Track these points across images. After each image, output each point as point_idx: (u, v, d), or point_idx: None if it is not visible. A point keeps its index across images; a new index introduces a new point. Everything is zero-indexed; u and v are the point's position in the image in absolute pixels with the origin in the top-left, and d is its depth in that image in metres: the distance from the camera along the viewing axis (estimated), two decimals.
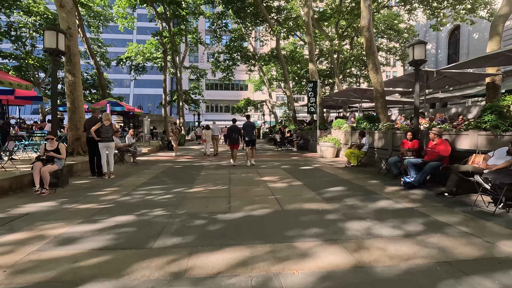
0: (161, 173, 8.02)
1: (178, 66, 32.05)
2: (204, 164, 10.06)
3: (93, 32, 35.07)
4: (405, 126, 8.09)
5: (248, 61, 36.54)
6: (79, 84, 9.03)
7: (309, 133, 16.95)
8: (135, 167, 9.28)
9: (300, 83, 39.34)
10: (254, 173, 7.96)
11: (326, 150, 11.96)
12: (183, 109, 32.95)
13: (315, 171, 8.35)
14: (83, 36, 19.17)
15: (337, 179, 7.01)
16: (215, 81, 56.35)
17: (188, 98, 38.57)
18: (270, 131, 27.68)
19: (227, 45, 34.48)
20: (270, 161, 11.09)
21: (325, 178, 7.10)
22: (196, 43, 35.95)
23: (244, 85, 58.07)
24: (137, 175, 7.70)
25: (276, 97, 53.43)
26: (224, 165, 9.83)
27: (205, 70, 39.01)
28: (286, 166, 9.53)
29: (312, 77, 15.83)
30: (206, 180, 6.89)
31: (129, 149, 9.71)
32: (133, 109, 16.03)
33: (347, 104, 21.00)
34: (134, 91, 67.83)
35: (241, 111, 42.64)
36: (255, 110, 48.67)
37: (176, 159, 11.74)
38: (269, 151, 16.39)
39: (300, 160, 11.42)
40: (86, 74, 38.00)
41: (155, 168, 9.04)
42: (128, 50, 33.81)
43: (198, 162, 10.86)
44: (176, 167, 9.40)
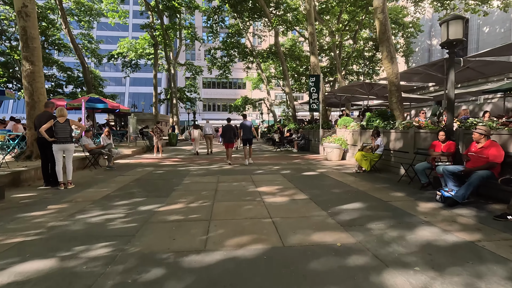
0: (134, 181, 6.59)
1: (172, 62, 30.59)
2: (191, 169, 8.64)
3: (83, 28, 33.54)
4: (431, 124, 6.68)
5: (245, 58, 35.14)
6: (39, 74, 7.57)
7: (310, 132, 15.55)
8: (107, 172, 7.84)
9: (300, 81, 38.01)
10: (248, 181, 6.55)
11: (331, 152, 10.56)
12: (177, 107, 31.49)
13: (321, 179, 6.94)
14: (65, 27, 17.72)
15: (351, 190, 5.60)
16: (212, 79, 54.97)
17: (183, 96, 37.07)
18: (268, 131, 26.29)
19: (224, 41, 33.08)
20: (267, 164, 9.68)
21: (335, 189, 5.69)
22: (192, 38, 34.51)
23: (242, 83, 56.72)
24: (103, 184, 6.26)
25: (275, 95, 52.10)
26: (214, 170, 8.42)
27: (201, 67, 37.53)
28: (286, 171, 8.12)
29: (314, 71, 14.43)
30: (186, 192, 5.46)
31: (102, 151, 8.27)
32: (118, 106, 14.58)
33: (350, 102, 19.63)
34: (129, 90, 66.29)
35: (239, 110, 41.23)
36: (254, 109, 47.31)
37: (161, 162, 10.31)
38: (267, 152, 14.98)
39: (302, 163, 10.01)
40: (78, 71, 36.51)
41: (131, 174, 7.60)
42: (120, 45, 32.29)
43: (185, 165, 9.44)
44: (157, 172, 7.97)
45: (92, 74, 40.18)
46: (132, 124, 14.18)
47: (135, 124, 14.59)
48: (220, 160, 11.12)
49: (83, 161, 8.32)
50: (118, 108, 14.70)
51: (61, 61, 33.81)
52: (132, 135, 14.30)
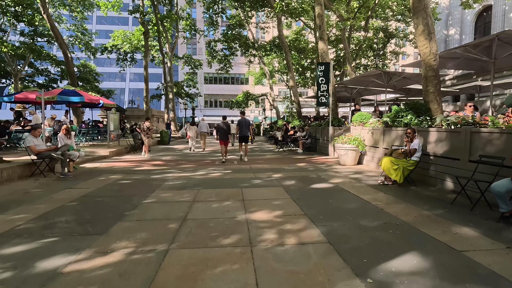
0: (77, 200, 4.71)
1: (169, 54, 28.69)
2: (169, 177, 6.76)
3: (75, 19, 31.77)
4: (498, 121, 4.68)
5: (247, 51, 33.19)
6: None
7: (317, 130, 13.59)
8: (56, 183, 5.99)
9: (304, 75, 35.93)
10: (236, 200, 4.65)
11: (344, 155, 8.60)
12: (173, 102, 29.66)
13: (339, 197, 5.00)
14: (44, 12, 15.87)
15: (389, 221, 3.65)
16: (214, 74, 53.16)
17: (181, 92, 35.18)
18: (270, 128, 24.34)
19: (225, 33, 31.12)
20: (267, 170, 7.77)
21: (364, 220, 3.74)
22: (190, 30, 32.56)
23: (244, 79, 54.81)
24: (28, 205, 4.39)
25: (278, 91, 50.08)
26: (197, 179, 6.53)
27: (200, 61, 35.56)
28: (289, 181, 6.20)
29: (323, 59, 12.41)
30: (136, 224, 3.57)
31: (52, 154, 6.41)
32: (97, 99, 12.71)
33: (362, 96, 17.58)
34: (129, 85, 64.66)
35: (240, 106, 39.25)
36: (256, 105, 45.35)
37: (137, 167, 8.45)
38: (268, 153, 13.05)
39: (310, 168, 8.07)
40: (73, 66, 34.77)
41: (84, 186, 5.74)
42: (114, 36, 30.42)
43: (165, 171, 7.56)
44: (121, 183, 6.10)
45: (88, 68, 38.53)
46: (113, 120, 12.33)
47: (117, 121, 12.74)
48: (210, 163, 9.23)
49: (29, 167, 6.49)
50: (98, 102, 12.83)
51: (54, 54, 32.10)
52: (113, 133, 12.45)
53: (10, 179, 5.94)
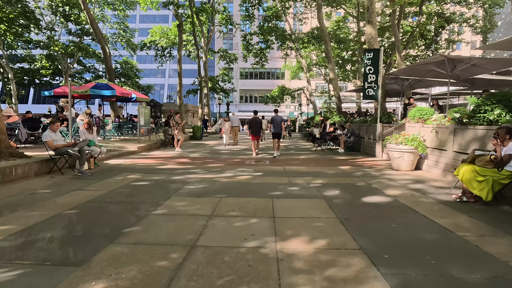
0: (78, 207, 4.01)
1: (204, 48, 28.42)
2: (191, 179, 5.94)
3: (118, 17, 33.03)
4: None
5: (284, 43, 31.83)
6: None
7: (361, 128, 12.01)
8: (70, 182, 5.46)
9: (344, 68, 33.59)
10: (265, 217, 3.61)
11: (399, 158, 7.09)
12: (208, 97, 29.42)
13: (403, 218, 3.69)
14: (83, 8, 16.20)
15: (500, 275, 2.36)
16: (249, 69, 52.60)
17: (216, 86, 34.95)
18: (307, 124, 22.87)
19: (261, 26, 30.10)
20: (303, 173, 6.62)
21: (455, 266, 2.44)
22: (226, 23, 32.00)
23: (280, 73, 53.43)
24: (19, 211, 3.80)
25: (315, 85, 47.87)
26: (222, 182, 5.61)
27: (235, 55, 34.94)
28: (332, 190, 5.00)
29: (371, 45, 10.77)
30: (129, 252, 2.68)
31: (68, 151, 5.92)
32: (129, 93, 12.49)
33: (414, 88, 15.40)
34: (168, 81, 66.75)
35: (275, 101, 38.07)
36: (291, 100, 43.77)
37: (161, 165, 7.81)
38: (304, 152, 11.82)
39: (356, 173, 6.75)
40: (115, 62, 36.43)
41: (95, 188, 5.12)
42: (152, 32, 30.98)
43: (189, 170, 6.78)
44: (136, 184, 5.40)
45: (129, 65, 40.06)
46: (144, 114, 12.00)
47: (148, 115, 12.42)
48: (239, 163, 8.30)
49: (47, 164, 6.09)
50: (130, 96, 12.62)
51: (99, 52, 33.63)
52: (144, 128, 12.13)
53: (26, 176, 5.54)
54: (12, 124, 7.48)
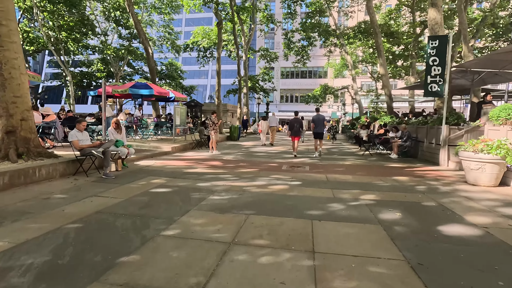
0: (78, 222, 3.48)
1: (244, 47, 28.03)
2: (218, 186, 5.21)
3: (164, 20, 34.28)
4: None
5: (327, 40, 30.16)
6: (9, 37, 5.26)
7: (419, 130, 10.30)
8: (86, 187, 5.08)
9: (395, 64, 30.66)
10: (301, 251, 2.67)
11: (479, 169, 5.56)
12: (247, 97, 28.98)
13: (510, 269, 2.49)
14: (129, 10, 16.71)
15: None
16: (290, 69, 51.42)
17: (256, 86, 34.41)
18: (351, 125, 21.09)
19: (303, 22, 28.90)
20: (350, 185, 5.49)
21: None
22: (267, 22, 31.31)
23: (322, 72, 51.28)
24: (13, 225, 3.36)
25: (361, 84, 44.84)
26: (253, 193, 4.78)
27: (276, 53, 34.08)
28: (391, 212, 3.85)
29: (435, 32, 9.08)
30: None
31: (92, 152, 5.59)
32: (166, 92, 12.34)
33: (485, 84, 12.98)
34: (211, 82, 68.36)
35: (317, 100, 36.29)
36: (334, 99, 41.55)
37: (190, 167, 7.26)
38: (349, 156, 10.49)
39: (418, 187, 5.42)
40: (161, 64, 38.02)
41: (112, 194, 4.63)
42: (194, 33, 31.53)
43: (216, 177, 6.08)
44: (156, 192, 4.82)
45: (174, 67, 41.50)
46: (180, 114, 11.73)
47: (184, 115, 12.14)
48: (275, 168, 7.40)
49: (73, 165, 5.84)
50: (168, 95, 12.48)
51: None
52: (179, 128, 11.87)
53: (50, 178, 5.32)
54: (50, 123, 7.54)
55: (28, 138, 5.56)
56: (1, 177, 4.48)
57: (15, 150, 5.32)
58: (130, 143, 10.33)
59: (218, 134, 10.75)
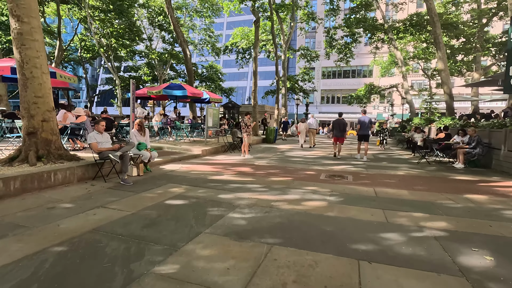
0: (66, 243, 2.91)
1: (283, 46, 27.11)
2: (241, 200, 4.41)
3: (205, 23, 34.84)
4: None
5: (374, 35, 27.92)
6: (31, 35, 5.06)
7: (493, 135, 8.43)
8: (98, 195, 4.63)
9: (454, 58, 27.21)
10: None
11: None
12: (286, 98, 27.96)
13: None
14: (168, 13, 16.89)
15: None
16: (332, 68, 49.21)
17: (295, 86, 33.20)
18: (401, 127, 18.91)
19: (346, 18, 27.13)
20: (407, 204, 4.28)
21: None
22: (308, 19, 30.02)
23: (367, 71, 48.19)
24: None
25: (411, 83, 40.94)
26: (282, 209, 3.89)
27: (317, 52, 32.53)
28: (475, 253, 2.66)
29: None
30: None
31: (109, 155, 5.18)
32: (200, 93, 11.98)
33: None
34: (250, 84, 68.52)
35: (361, 101, 33.81)
36: (380, 100, 38.55)
37: (217, 174, 6.59)
38: (401, 164, 8.99)
39: (505, 213, 4.02)
40: (202, 67, 38.81)
41: (121, 206, 4.09)
42: (233, 34, 31.45)
43: (242, 187, 5.30)
44: (170, 204, 4.18)
45: (214, 69, 42.15)
46: (212, 115, 11.25)
47: (216, 116, 11.64)
48: (312, 177, 6.38)
49: (92, 169, 5.51)
50: (201, 96, 12.12)
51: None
52: (211, 130, 11.39)
53: (67, 182, 5.01)
54: (80, 124, 7.47)
55: (49, 140, 5.34)
56: (12, 181, 4.21)
57: (35, 153, 5.12)
58: (162, 145, 10.10)
59: (251, 137, 10.02)
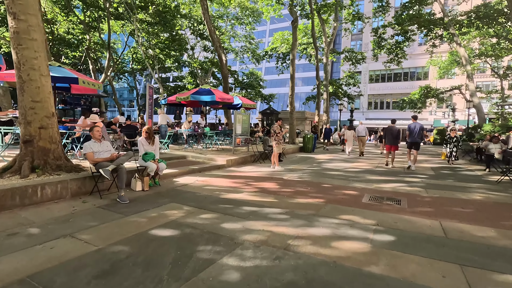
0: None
1: (325, 49, 25.47)
2: (246, 236, 3.28)
3: (245, 30, 34.76)
4: None
5: (430, 31, 24.88)
6: (28, 34, 4.62)
7: None
8: (80, 217, 3.88)
9: None
10: None
11: None
12: (328, 103, 26.10)
13: None
14: (204, 18, 16.66)
15: None
16: (381, 71, 45.63)
17: (338, 91, 31.03)
18: (468, 137, 15.93)
19: (398, 15, 24.68)
20: (499, 256, 2.72)
21: None
22: (353, 19, 27.98)
23: (421, 73, 43.69)
24: None
25: (476, 84, 35.71)
26: (302, 254, 2.67)
27: (363, 53, 30.07)
28: None
29: None
30: None
31: (99, 170, 4.44)
32: (230, 98, 11.15)
33: None
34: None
35: (415, 106, 30.21)
36: (438, 104, 34.26)
37: (234, 190, 5.53)
38: (474, 184, 6.95)
39: None
40: (242, 74, 38.79)
41: (99, 234, 3.25)
42: (273, 39, 30.67)
43: (257, 211, 4.16)
44: (158, 236, 3.20)
45: (255, 76, 41.81)
46: (242, 122, 10.32)
47: (247, 122, 10.68)
48: (352, 200, 4.95)
49: (90, 182, 4.86)
50: (231, 101, 11.30)
51: (229, 65, 36.08)
52: (240, 137, 10.45)
53: (58, 198, 4.40)
54: None
55: (47, 149, 4.83)
56: None
57: (30, 163, 4.62)
58: (187, 153, 9.41)
59: (281, 146, 8.81)
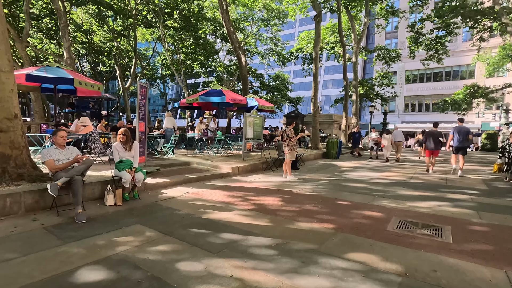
0: None
1: (354, 47, 23.69)
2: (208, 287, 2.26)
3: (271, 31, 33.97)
4: None
5: (478, 23, 22.19)
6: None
7: None
8: (7, 243, 3.10)
9: None
10: None
11: None
12: (357, 105, 24.18)
13: None
14: (222, 18, 16.02)
15: None
16: (419, 71, 42.22)
17: (370, 92, 28.80)
18: None
19: (438, 8, 22.36)
20: None
21: None
22: (386, 14, 25.88)
23: (466, 71, 39.60)
24: None
25: None
26: None
27: (397, 51, 27.63)
28: None
29: None
30: None
31: (47, 186, 3.65)
32: (242, 99, 10.21)
33: None
34: (322, 93, 64.97)
35: (459, 107, 26.97)
36: (486, 105, 30.50)
37: (226, 207, 4.51)
38: None
39: None
40: (268, 77, 37.98)
41: (9, 271, 2.40)
42: (299, 39, 29.40)
43: (245, 238, 3.11)
44: (69, 282, 2.30)
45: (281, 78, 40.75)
46: (254, 125, 9.30)
47: (259, 126, 9.64)
48: (374, 225, 3.67)
49: (49, 194, 4.13)
50: (243, 102, 10.34)
51: (255, 69, 35.42)
52: (250, 142, 9.41)
53: (7, 214, 3.71)
54: (86, 135, 6.48)
55: (8, 155, 4.21)
56: None
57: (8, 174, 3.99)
58: (192, 159, 8.61)
59: (294, 153, 7.63)
